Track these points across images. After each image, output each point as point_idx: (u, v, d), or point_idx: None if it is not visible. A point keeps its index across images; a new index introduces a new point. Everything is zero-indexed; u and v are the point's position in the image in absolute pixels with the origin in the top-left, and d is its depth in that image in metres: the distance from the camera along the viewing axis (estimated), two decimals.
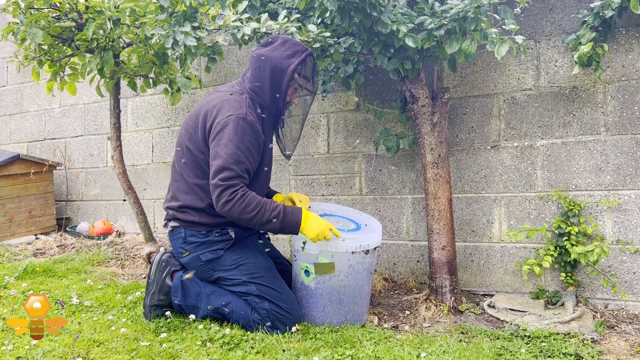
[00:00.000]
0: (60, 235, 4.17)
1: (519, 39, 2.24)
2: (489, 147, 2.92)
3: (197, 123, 2.34)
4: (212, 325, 2.30)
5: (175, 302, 2.40)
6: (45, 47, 2.95)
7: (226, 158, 2.17)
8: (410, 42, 2.34)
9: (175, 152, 2.47)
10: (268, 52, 2.34)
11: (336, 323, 2.35)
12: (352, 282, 2.35)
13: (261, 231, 2.52)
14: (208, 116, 2.30)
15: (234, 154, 2.18)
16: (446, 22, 2.29)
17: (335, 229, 2.29)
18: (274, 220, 2.19)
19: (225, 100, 2.31)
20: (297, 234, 2.26)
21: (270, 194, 2.66)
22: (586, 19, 2.53)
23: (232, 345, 2.13)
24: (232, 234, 2.35)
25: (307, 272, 2.35)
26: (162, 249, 2.53)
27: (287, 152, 2.59)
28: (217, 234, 2.34)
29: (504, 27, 2.35)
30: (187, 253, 2.37)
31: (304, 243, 2.30)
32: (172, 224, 2.41)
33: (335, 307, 2.36)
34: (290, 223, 2.22)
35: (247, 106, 2.29)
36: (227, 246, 2.34)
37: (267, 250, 2.51)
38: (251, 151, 2.24)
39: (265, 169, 2.42)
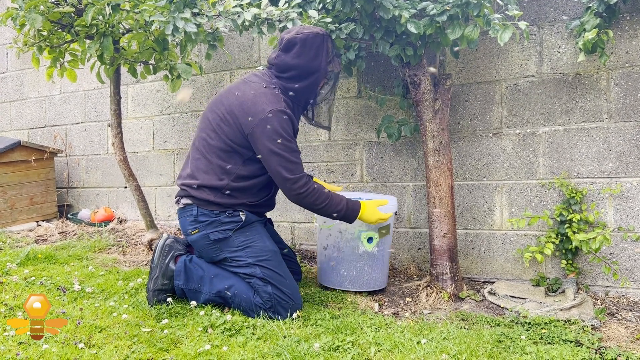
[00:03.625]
0: (62, 222, 4.17)
1: (522, 24, 2.22)
2: (490, 134, 2.91)
3: (233, 113, 2.34)
4: (213, 311, 2.31)
5: (178, 285, 2.41)
6: (44, 33, 2.93)
7: (282, 153, 2.26)
8: (412, 28, 2.32)
9: (199, 132, 2.47)
10: (294, 60, 2.35)
11: (383, 283, 2.77)
12: (390, 240, 2.75)
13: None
14: (246, 109, 2.31)
15: (287, 147, 2.27)
16: (449, 8, 2.27)
17: (385, 215, 2.52)
18: (338, 212, 2.37)
19: (261, 93, 2.33)
20: (352, 222, 2.46)
21: None
22: (590, 5, 2.50)
23: (234, 331, 2.14)
24: (243, 217, 2.38)
25: (369, 239, 2.62)
26: (165, 234, 2.54)
27: (326, 125, 2.69)
28: (228, 215, 2.36)
29: (507, 12, 2.33)
30: (196, 230, 2.39)
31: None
32: (185, 201, 2.42)
33: (386, 266, 2.78)
34: (350, 215, 2.41)
35: (283, 100, 2.35)
36: (236, 227, 2.36)
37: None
38: (294, 139, 2.35)
39: None
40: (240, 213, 2.38)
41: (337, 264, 2.68)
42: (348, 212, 2.39)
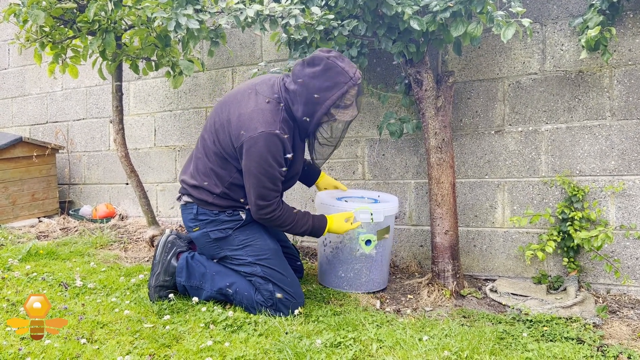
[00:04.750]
0: (63, 219, 4.18)
1: (526, 21, 2.22)
2: (493, 132, 2.91)
3: (229, 122, 2.27)
4: (215, 307, 2.32)
5: (180, 282, 2.41)
6: (46, 29, 2.93)
7: (259, 177, 2.21)
8: (415, 25, 2.32)
9: (203, 132, 2.44)
10: (307, 78, 2.18)
11: (382, 285, 2.76)
12: (390, 243, 2.74)
13: None
14: (241, 123, 2.22)
15: (266, 173, 2.20)
16: (452, 4, 2.26)
17: (352, 225, 2.48)
18: (304, 232, 2.39)
19: (260, 109, 2.21)
20: (319, 237, 2.50)
21: (315, 173, 2.76)
22: (594, 2, 2.50)
23: (235, 327, 2.14)
24: (243, 216, 2.37)
25: (367, 242, 2.58)
26: (167, 231, 2.55)
27: (317, 162, 2.55)
28: (228, 214, 2.36)
29: (510, 9, 2.32)
30: (197, 228, 2.39)
31: (371, 214, 2.54)
32: (186, 198, 2.43)
33: (386, 268, 2.76)
34: (316, 232, 2.41)
35: (281, 121, 2.21)
36: (236, 226, 2.36)
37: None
38: (280, 163, 2.23)
39: (297, 163, 2.40)
40: (241, 212, 2.37)
41: (335, 264, 2.68)
42: (314, 230, 2.40)
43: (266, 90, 2.28)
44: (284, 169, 2.26)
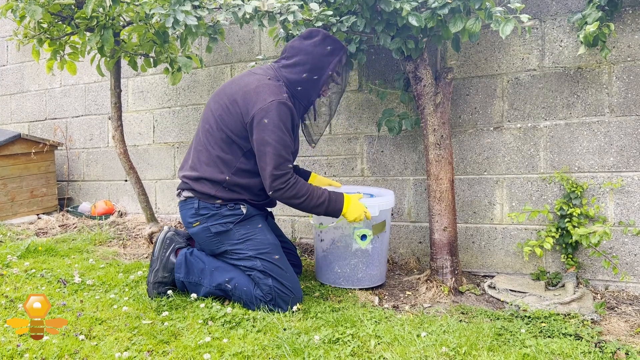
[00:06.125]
0: (62, 215, 4.18)
1: (524, 17, 2.21)
2: (491, 128, 2.91)
3: (235, 102, 2.33)
4: (213, 304, 2.32)
5: (179, 278, 2.41)
6: (44, 25, 2.92)
7: (275, 145, 2.24)
8: (413, 21, 2.31)
9: (202, 123, 2.46)
10: (310, 46, 2.36)
11: (380, 280, 2.72)
12: (387, 237, 2.71)
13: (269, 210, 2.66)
14: (248, 99, 2.30)
15: (281, 140, 2.25)
16: (450, 1, 2.26)
17: (369, 212, 2.44)
18: (321, 206, 2.33)
19: (265, 84, 2.32)
20: (337, 217, 2.40)
21: (305, 174, 2.76)
22: None
23: (234, 323, 2.14)
24: (244, 210, 2.38)
25: (363, 237, 2.55)
26: (165, 227, 2.55)
27: (314, 138, 2.66)
28: (229, 208, 2.36)
29: (508, 5, 2.32)
30: (197, 223, 2.39)
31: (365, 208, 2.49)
32: (186, 194, 2.42)
33: (384, 263, 2.73)
34: (334, 209, 2.36)
35: (286, 92, 2.34)
36: (237, 220, 2.36)
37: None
38: (291, 134, 2.33)
39: (296, 149, 2.48)
40: (242, 206, 2.38)
41: (331, 260, 2.66)
42: (331, 204, 2.35)
43: (262, 72, 2.41)
44: (293, 141, 2.34)
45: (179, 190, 2.47)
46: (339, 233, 2.61)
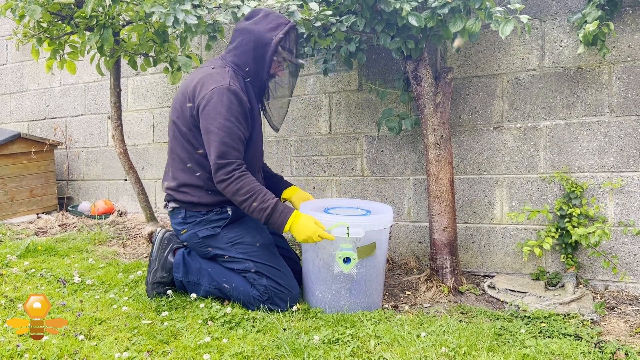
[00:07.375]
0: (62, 215, 4.17)
1: (524, 18, 2.21)
2: (491, 128, 2.90)
3: (185, 100, 2.33)
4: (213, 304, 2.32)
5: (177, 278, 2.41)
6: (44, 25, 2.91)
7: (217, 132, 2.19)
8: (413, 21, 2.31)
9: (168, 131, 2.47)
10: (250, 25, 2.33)
11: (371, 307, 2.36)
12: (380, 261, 2.38)
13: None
14: (194, 92, 2.30)
15: (225, 127, 2.19)
16: (450, 0, 2.25)
17: (326, 234, 2.18)
18: (262, 211, 2.17)
19: (208, 74, 2.31)
20: (280, 232, 2.24)
21: (284, 185, 2.68)
22: None
23: (233, 324, 2.14)
24: (230, 212, 2.36)
25: (347, 259, 2.23)
26: (161, 229, 2.54)
27: (274, 122, 2.59)
28: (216, 213, 2.35)
29: (508, 5, 2.32)
30: (184, 230, 2.39)
31: (347, 228, 2.20)
32: (172, 205, 2.42)
33: (374, 290, 2.36)
34: (275, 221, 2.19)
35: (230, 77, 2.29)
36: (224, 224, 2.36)
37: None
38: (240, 120, 2.25)
39: (256, 137, 2.41)
40: (228, 208, 2.37)
41: (312, 281, 2.36)
42: (273, 216, 2.17)
43: (208, 64, 2.41)
44: (244, 128, 2.25)
45: (166, 202, 2.47)
46: (320, 251, 2.30)
